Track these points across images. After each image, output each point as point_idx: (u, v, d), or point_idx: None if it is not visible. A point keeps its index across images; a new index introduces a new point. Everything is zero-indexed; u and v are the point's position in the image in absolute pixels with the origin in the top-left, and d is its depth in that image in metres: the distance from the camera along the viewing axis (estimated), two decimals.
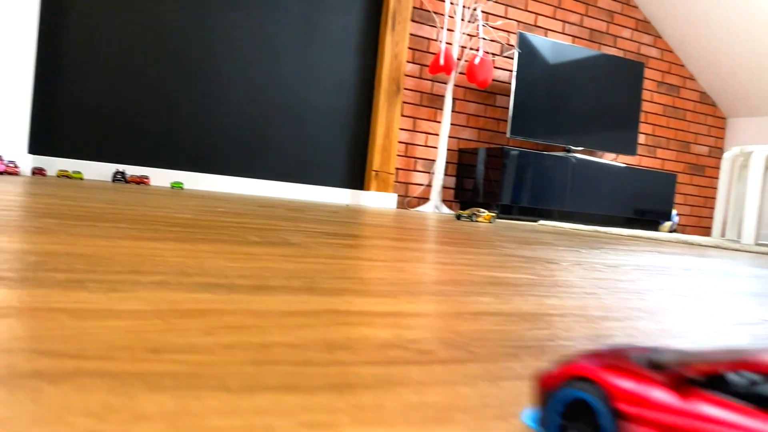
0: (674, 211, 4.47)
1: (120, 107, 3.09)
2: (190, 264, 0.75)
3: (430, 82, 3.82)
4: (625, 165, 4.08)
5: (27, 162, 2.44)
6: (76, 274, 0.60)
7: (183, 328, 0.46)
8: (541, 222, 3.70)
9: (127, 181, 2.95)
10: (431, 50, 3.81)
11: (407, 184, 3.81)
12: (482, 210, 2.55)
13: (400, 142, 3.75)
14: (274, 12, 3.40)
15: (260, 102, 3.39)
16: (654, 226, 4.32)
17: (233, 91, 3.33)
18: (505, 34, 4.02)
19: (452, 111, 3.88)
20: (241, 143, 3.37)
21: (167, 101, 3.18)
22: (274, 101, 3.42)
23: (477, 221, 2.48)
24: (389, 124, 3.64)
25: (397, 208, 3.77)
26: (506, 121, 4.07)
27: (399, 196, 3.78)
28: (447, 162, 3.89)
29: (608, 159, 4.43)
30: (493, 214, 2.54)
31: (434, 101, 3.84)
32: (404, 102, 3.74)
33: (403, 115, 3.75)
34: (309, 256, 0.90)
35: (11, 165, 2.26)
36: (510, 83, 4.07)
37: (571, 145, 4.01)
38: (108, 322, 0.45)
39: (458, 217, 2.53)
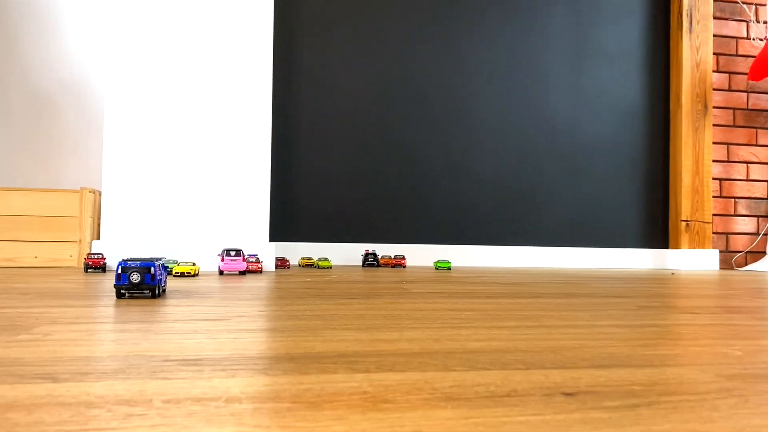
0: None
1: (361, 175, 2.51)
2: None
3: (743, 94, 2.82)
4: None
5: (269, 252, 1.89)
6: None
7: None
8: None
9: (379, 264, 2.32)
10: (741, 52, 2.83)
11: (727, 234, 2.79)
12: None
13: (713, 179, 2.77)
14: (532, 34, 2.68)
15: (524, 148, 2.64)
16: None
17: (490, 139, 2.62)
18: None
19: None
20: (506, 203, 2.62)
21: (413, 163, 2.55)
22: (541, 145, 2.66)
23: None
24: (698, 156, 2.69)
25: (721, 268, 2.75)
26: None
27: (720, 252, 2.77)
28: None
29: None
30: None
31: (752, 119, 2.82)
32: (713, 125, 2.78)
33: (713, 143, 2.78)
34: None
35: (252, 261, 1.70)
36: None
37: None
38: None
39: None
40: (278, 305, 0.94)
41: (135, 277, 1.00)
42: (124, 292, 1.01)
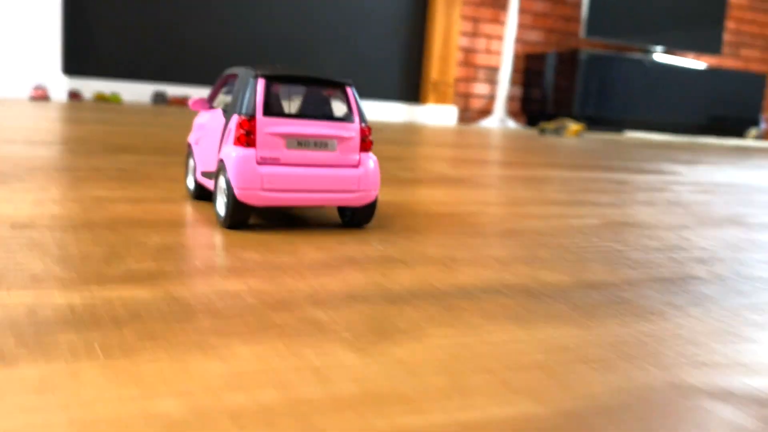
0: (763, 117, 4.04)
1: (157, 21, 2.79)
2: None
3: None
4: (705, 66, 3.66)
5: (62, 84, 2.18)
6: None
7: None
8: (628, 133, 3.36)
9: (168, 103, 2.69)
10: None
11: (468, 96, 3.47)
12: (569, 122, 2.23)
13: (459, 49, 3.38)
14: None
15: (307, 10, 3.05)
16: (739, 133, 3.92)
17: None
18: None
19: (518, 11, 3.47)
20: (290, 56, 3.05)
21: (207, 12, 2.86)
22: (321, 7, 3.07)
23: (564, 135, 2.17)
24: (448, 28, 3.26)
25: (459, 123, 3.45)
26: (578, 20, 3.64)
27: (459, 109, 3.45)
28: (513, 70, 3.51)
29: (689, 59, 3.97)
30: (581, 127, 2.22)
31: (497, 0, 3.43)
32: (463, 2, 3.35)
33: (462, 18, 3.36)
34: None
35: (39, 89, 2.01)
36: None
37: (651, 45, 3.58)
38: None
39: (542, 131, 2.21)
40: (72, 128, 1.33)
41: None
42: None
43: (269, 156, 0.47)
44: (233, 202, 0.47)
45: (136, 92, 2.78)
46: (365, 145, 0.50)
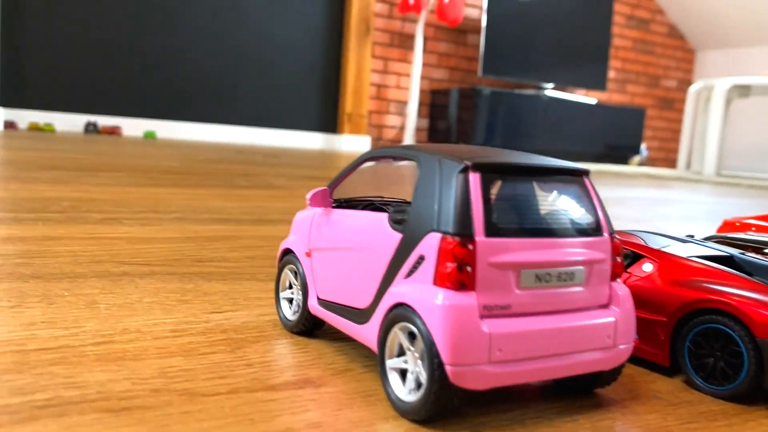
0: (643, 145, 4.56)
1: (89, 56, 3.02)
2: (196, 205, 0.95)
3: (400, 21, 3.78)
4: (595, 102, 4.14)
5: None
6: (108, 215, 0.80)
7: (212, 247, 0.68)
8: None
9: (99, 132, 2.91)
10: None
11: (380, 126, 3.81)
12: None
13: (371, 84, 3.73)
14: None
15: (229, 45, 3.34)
16: (624, 160, 4.42)
17: (201, 34, 3.27)
18: None
19: (423, 51, 3.86)
20: (212, 89, 3.33)
21: (135, 48, 3.12)
22: (242, 43, 3.38)
23: None
24: (360, 66, 3.61)
25: None
26: (477, 60, 4.06)
27: (372, 138, 3.79)
28: (419, 103, 3.89)
29: (579, 95, 4.45)
30: None
31: (405, 41, 3.81)
32: (374, 43, 3.71)
33: (373, 57, 3.72)
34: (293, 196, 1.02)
35: None
36: (481, 21, 4.04)
37: (542, 82, 4.03)
38: (155, 245, 0.65)
39: None
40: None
41: None
42: None
43: (496, 303, 0.32)
44: (440, 384, 0.31)
45: (68, 122, 2.98)
46: (616, 267, 0.36)
